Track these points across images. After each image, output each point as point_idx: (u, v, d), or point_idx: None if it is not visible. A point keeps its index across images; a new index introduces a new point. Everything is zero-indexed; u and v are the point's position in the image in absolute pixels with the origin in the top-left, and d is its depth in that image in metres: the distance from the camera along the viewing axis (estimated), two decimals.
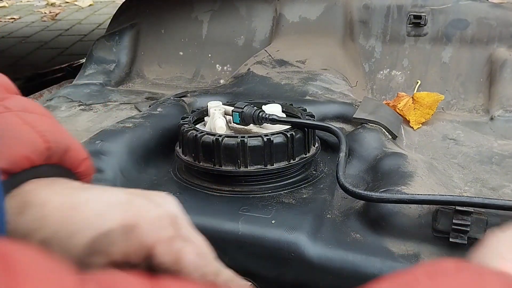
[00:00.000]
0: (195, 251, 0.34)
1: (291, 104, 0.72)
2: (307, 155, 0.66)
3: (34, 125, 0.36)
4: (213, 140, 0.62)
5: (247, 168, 0.62)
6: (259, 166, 0.63)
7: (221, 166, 0.63)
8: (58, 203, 0.33)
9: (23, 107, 0.37)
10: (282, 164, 0.63)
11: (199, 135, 0.63)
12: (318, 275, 0.55)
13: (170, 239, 0.33)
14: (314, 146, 0.69)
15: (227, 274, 0.36)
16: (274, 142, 0.62)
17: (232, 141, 0.61)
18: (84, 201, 0.34)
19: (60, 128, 0.38)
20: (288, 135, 0.63)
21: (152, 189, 0.66)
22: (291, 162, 0.64)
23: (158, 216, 0.34)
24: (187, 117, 0.70)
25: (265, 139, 0.62)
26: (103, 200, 0.34)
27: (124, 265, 0.32)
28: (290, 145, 0.63)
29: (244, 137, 0.62)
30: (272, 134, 0.63)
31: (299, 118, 0.69)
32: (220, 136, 0.62)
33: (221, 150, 0.62)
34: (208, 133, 0.64)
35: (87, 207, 0.33)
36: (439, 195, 0.53)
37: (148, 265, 0.33)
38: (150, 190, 0.37)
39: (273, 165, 0.63)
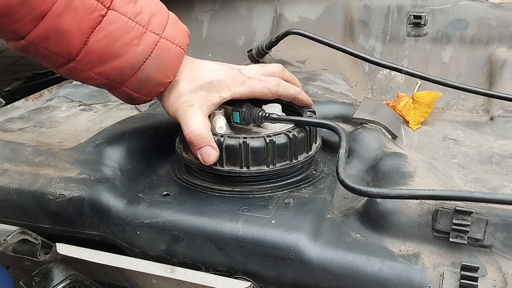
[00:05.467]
0: (259, 81, 0.65)
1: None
2: (309, 154, 0.66)
3: (174, 42, 0.62)
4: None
5: (249, 168, 0.62)
6: (260, 167, 0.62)
7: (223, 166, 0.62)
8: (192, 63, 0.66)
9: (163, 26, 0.61)
10: (285, 164, 0.63)
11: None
12: (318, 275, 0.55)
13: (242, 82, 0.64)
14: (315, 144, 0.68)
15: (284, 84, 0.67)
16: (276, 142, 0.62)
17: (233, 141, 0.61)
18: (203, 63, 0.66)
19: (179, 28, 0.64)
20: (290, 135, 0.62)
21: (152, 189, 0.67)
22: (293, 162, 0.64)
23: (233, 73, 0.64)
24: None
25: (267, 140, 0.61)
26: (210, 66, 0.65)
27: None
28: (292, 145, 0.63)
29: (246, 138, 0.61)
30: (274, 134, 0.62)
31: (300, 115, 0.69)
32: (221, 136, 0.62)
33: (224, 151, 0.61)
34: (214, 133, 0.63)
35: (205, 66, 0.65)
36: (439, 190, 0.53)
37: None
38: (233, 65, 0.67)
39: (275, 166, 0.63)
